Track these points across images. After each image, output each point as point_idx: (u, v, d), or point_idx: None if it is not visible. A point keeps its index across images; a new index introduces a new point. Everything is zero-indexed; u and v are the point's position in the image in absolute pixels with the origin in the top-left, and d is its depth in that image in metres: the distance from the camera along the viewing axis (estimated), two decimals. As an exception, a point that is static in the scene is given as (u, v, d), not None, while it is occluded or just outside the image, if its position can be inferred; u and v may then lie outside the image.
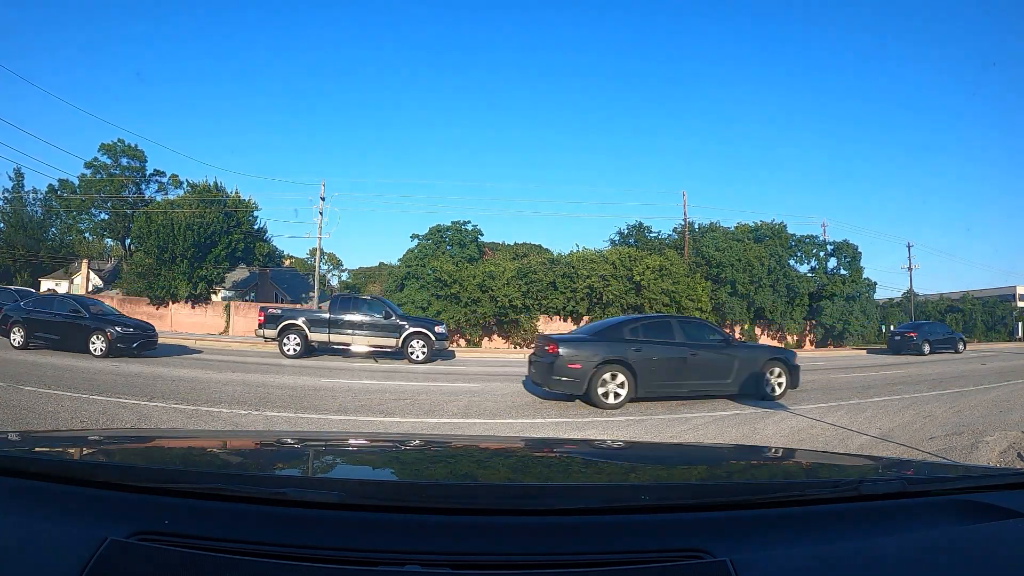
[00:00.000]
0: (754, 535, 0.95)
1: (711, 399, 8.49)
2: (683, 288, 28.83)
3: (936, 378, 12.71)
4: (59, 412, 6.04)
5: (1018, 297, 62.19)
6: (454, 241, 31.20)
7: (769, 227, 36.40)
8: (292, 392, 8.47)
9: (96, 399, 6.93)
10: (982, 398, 9.16)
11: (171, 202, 34.05)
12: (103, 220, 43.88)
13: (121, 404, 6.70)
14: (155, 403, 6.84)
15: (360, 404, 7.56)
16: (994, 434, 6.15)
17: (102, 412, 6.20)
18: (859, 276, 38.30)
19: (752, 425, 6.75)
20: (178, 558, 0.81)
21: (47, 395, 7.01)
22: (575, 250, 31.21)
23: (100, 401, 6.82)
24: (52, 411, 6.07)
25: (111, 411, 6.29)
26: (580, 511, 0.98)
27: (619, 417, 7.18)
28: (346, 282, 54.84)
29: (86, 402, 6.71)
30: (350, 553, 0.84)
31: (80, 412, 6.10)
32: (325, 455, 1.75)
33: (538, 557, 0.86)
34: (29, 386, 7.57)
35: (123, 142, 42.14)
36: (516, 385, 10.53)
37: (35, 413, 5.92)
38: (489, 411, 7.45)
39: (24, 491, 1.01)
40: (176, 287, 30.86)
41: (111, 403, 6.73)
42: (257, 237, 34.77)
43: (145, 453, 1.61)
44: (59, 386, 7.74)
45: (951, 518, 1.08)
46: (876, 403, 8.65)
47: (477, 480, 1.42)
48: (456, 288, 27.42)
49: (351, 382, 10.08)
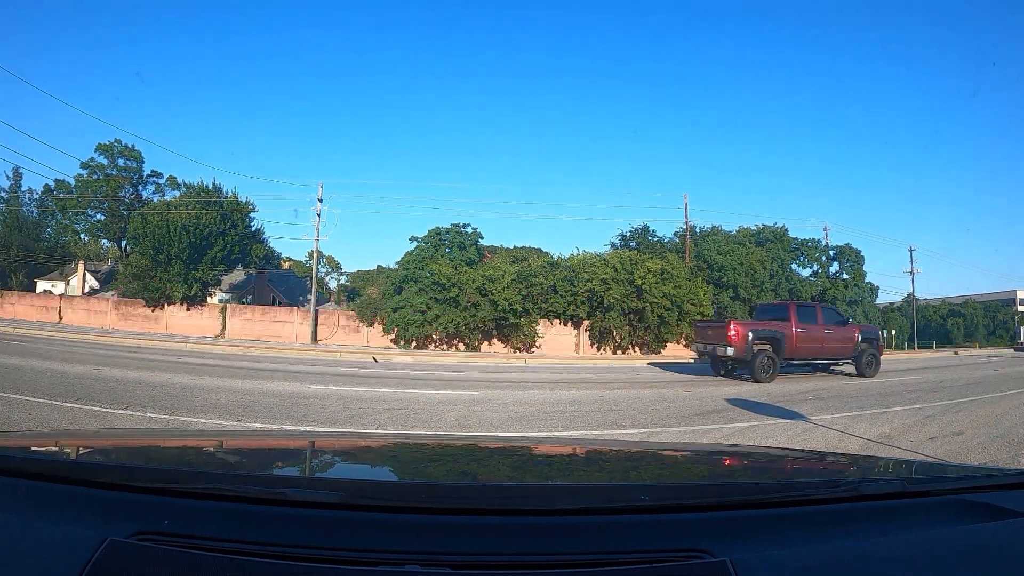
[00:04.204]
0: (754, 535, 0.95)
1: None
2: (685, 292, 28.44)
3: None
4: (23, 420, 5.60)
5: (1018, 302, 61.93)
6: (453, 244, 30.78)
7: (771, 231, 36.11)
8: (279, 400, 8.02)
9: (68, 406, 6.47)
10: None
11: (167, 203, 33.65)
12: (99, 221, 43.42)
13: (93, 413, 6.26)
14: (129, 411, 6.39)
15: (351, 414, 7.12)
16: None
17: (71, 422, 5.76)
18: (861, 280, 38.02)
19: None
20: (178, 558, 0.81)
21: (16, 401, 6.56)
22: (575, 253, 30.81)
23: (71, 409, 6.37)
24: (18, 419, 5.63)
25: (80, 420, 5.85)
26: (580, 511, 0.98)
27: (629, 430, 6.76)
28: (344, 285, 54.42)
29: (56, 409, 6.25)
30: (350, 553, 0.83)
31: (47, 421, 5.66)
32: (324, 455, 1.74)
33: (538, 557, 0.86)
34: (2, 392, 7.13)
35: (120, 142, 41.74)
36: (518, 393, 10.11)
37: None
38: (491, 422, 7.03)
39: (24, 491, 1.00)
40: (171, 289, 30.42)
41: (83, 411, 6.28)
42: (254, 239, 34.37)
43: (145, 453, 1.62)
44: (34, 392, 7.30)
45: (951, 518, 1.08)
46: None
47: (477, 480, 1.42)
48: (455, 291, 27.00)
49: (343, 389, 9.64)
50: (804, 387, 11.86)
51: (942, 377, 14.95)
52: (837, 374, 14.99)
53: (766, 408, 8.40)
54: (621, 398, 9.76)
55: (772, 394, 10.38)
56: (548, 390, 10.99)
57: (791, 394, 10.48)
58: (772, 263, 32.95)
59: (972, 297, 58.48)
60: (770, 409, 8.29)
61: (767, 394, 10.35)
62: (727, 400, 9.26)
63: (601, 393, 10.46)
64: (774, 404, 8.86)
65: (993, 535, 1.03)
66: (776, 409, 8.29)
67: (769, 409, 8.29)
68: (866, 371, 14.38)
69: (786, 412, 7.99)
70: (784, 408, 8.39)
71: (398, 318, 27.81)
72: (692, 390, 11.02)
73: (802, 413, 7.86)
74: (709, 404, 8.87)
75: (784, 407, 8.50)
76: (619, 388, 11.47)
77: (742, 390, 10.99)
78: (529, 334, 28.21)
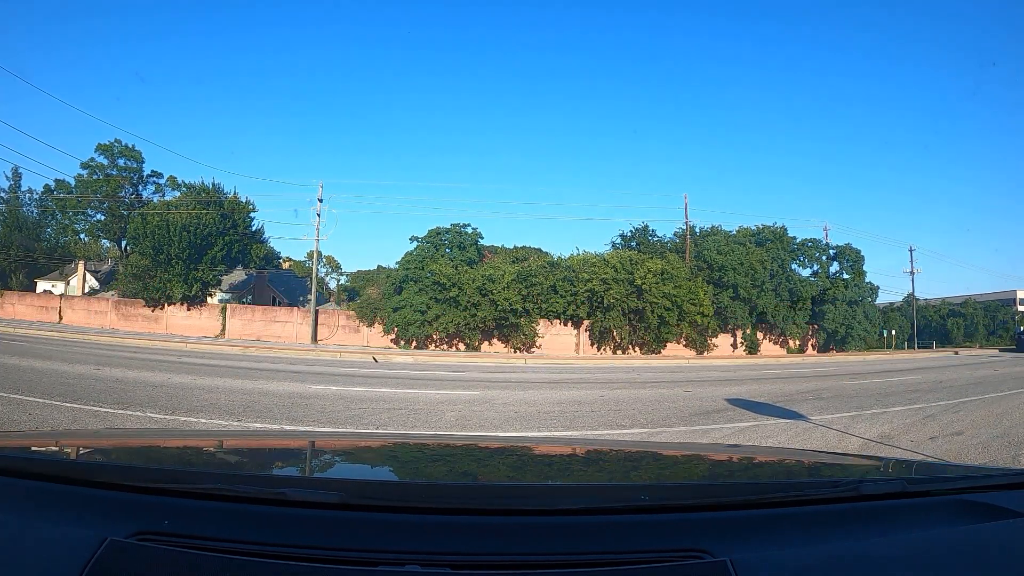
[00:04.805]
0: (754, 535, 0.94)
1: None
2: (685, 292, 28.44)
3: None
4: (23, 420, 5.60)
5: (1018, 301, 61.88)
6: (453, 244, 30.75)
7: (771, 230, 36.05)
8: (279, 400, 8.02)
9: (68, 406, 6.47)
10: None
11: (167, 203, 33.63)
12: (99, 221, 43.36)
13: (93, 413, 6.25)
14: (128, 411, 6.39)
15: (351, 414, 7.12)
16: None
17: (71, 422, 5.76)
18: (861, 280, 37.97)
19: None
20: (178, 558, 0.81)
21: (17, 401, 6.56)
22: (575, 253, 30.80)
23: (72, 409, 6.37)
24: (18, 419, 5.63)
25: (81, 420, 5.85)
26: (580, 511, 0.98)
27: (629, 430, 6.76)
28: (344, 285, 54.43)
29: (56, 409, 6.25)
30: (350, 553, 0.83)
31: (47, 421, 5.66)
32: (324, 455, 1.74)
33: (538, 557, 0.86)
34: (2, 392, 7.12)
35: (120, 142, 41.64)
36: (518, 393, 10.11)
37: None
38: (491, 422, 7.03)
39: (24, 491, 1.00)
40: (171, 289, 30.40)
41: (83, 411, 6.28)
42: (254, 239, 34.36)
43: (145, 453, 1.62)
44: (33, 391, 7.29)
45: (951, 518, 1.08)
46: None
47: (477, 480, 1.42)
48: (455, 291, 26.99)
49: (343, 389, 9.64)
50: (804, 387, 11.87)
51: (942, 377, 14.95)
52: (836, 375, 14.99)
53: (766, 408, 8.40)
54: (621, 398, 9.76)
55: (772, 394, 10.37)
56: (548, 390, 10.99)
57: (791, 394, 10.48)
58: (772, 263, 32.88)
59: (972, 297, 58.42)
60: (770, 409, 8.29)
61: (767, 394, 10.35)
62: (727, 400, 9.26)
63: (601, 393, 10.46)
64: (774, 404, 8.86)
65: (993, 535, 1.03)
66: (776, 409, 8.29)
67: (769, 409, 8.28)
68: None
69: (786, 412, 7.99)
70: (784, 408, 8.39)
71: (398, 318, 27.81)
72: (692, 390, 11.02)
73: (802, 413, 7.86)
74: (709, 404, 8.87)
75: (784, 407, 8.50)
76: (619, 388, 11.47)
77: (742, 390, 10.99)
78: (529, 334, 28.21)
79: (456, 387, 10.83)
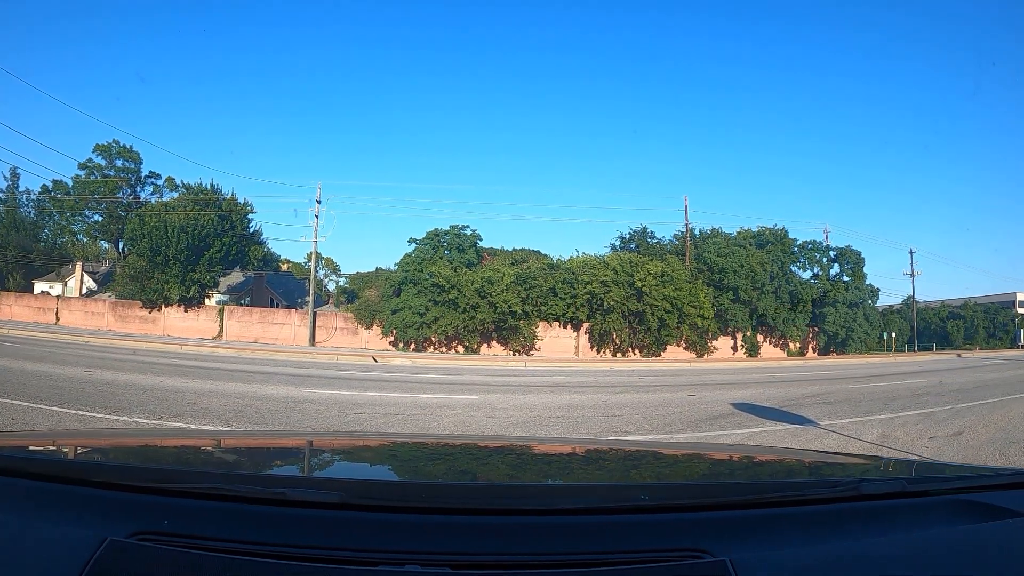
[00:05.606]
0: (754, 535, 0.94)
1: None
2: (685, 294, 28.28)
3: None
4: (6, 425, 5.39)
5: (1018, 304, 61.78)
6: (452, 246, 30.58)
7: (771, 232, 35.93)
8: (272, 405, 7.81)
9: (54, 410, 6.26)
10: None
11: (165, 204, 33.47)
12: (97, 222, 43.20)
13: (79, 417, 6.05)
14: (117, 416, 6.18)
15: (346, 420, 6.91)
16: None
17: (56, 426, 5.54)
18: (862, 282, 37.84)
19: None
20: (178, 558, 0.81)
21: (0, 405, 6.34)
22: (575, 256, 30.68)
23: (57, 413, 6.15)
24: (0, 423, 5.42)
25: (66, 425, 5.63)
26: (580, 511, 0.97)
27: (634, 436, 6.56)
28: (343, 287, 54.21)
29: (41, 414, 6.04)
30: (350, 553, 0.83)
31: (31, 426, 5.45)
32: (324, 455, 1.73)
33: (538, 557, 0.86)
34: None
35: (118, 143, 41.58)
36: (518, 397, 9.90)
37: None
38: (491, 429, 6.82)
39: (23, 491, 1.00)
40: (168, 290, 30.19)
41: (69, 415, 6.07)
42: (252, 240, 34.16)
43: (145, 453, 1.62)
44: (20, 395, 7.07)
45: (951, 518, 1.08)
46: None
47: (477, 480, 1.41)
48: (454, 294, 26.81)
49: (338, 393, 9.43)
50: (809, 391, 11.67)
51: (948, 380, 14.77)
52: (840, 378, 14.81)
53: (772, 413, 8.20)
54: (624, 402, 9.56)
55: (777, 398, 10.18)
56: (549, 394, 10.79)
57: (797, 398, 10.29)
58: (772, 265, 32.75)
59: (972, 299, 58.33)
60: (776, 414, 8.09)
61: (772, 398, 10.16)
62: (733, 404, 9.06)
63: (603, 397, 10.26)
64: (780, 408, 8.67)
65: (992, 535, 1.02)
66: (783, 414, 8.09)
67: (775, 414, 8.09)
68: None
69: (794, 417, 7.79)
70: (792, 412, 8.19)
71: (397, 320, 27.61)
72: (696, 394, 10.83)
73: (810, 418, 7.66)
74: (715, 409, 8.67)
75: (791, 411, 8.30)
76: (622, 392, 11.27)
77: (747, 394, 10.79)
78: (528, 336, 28.02)
79: (455, 391, 10.62)
